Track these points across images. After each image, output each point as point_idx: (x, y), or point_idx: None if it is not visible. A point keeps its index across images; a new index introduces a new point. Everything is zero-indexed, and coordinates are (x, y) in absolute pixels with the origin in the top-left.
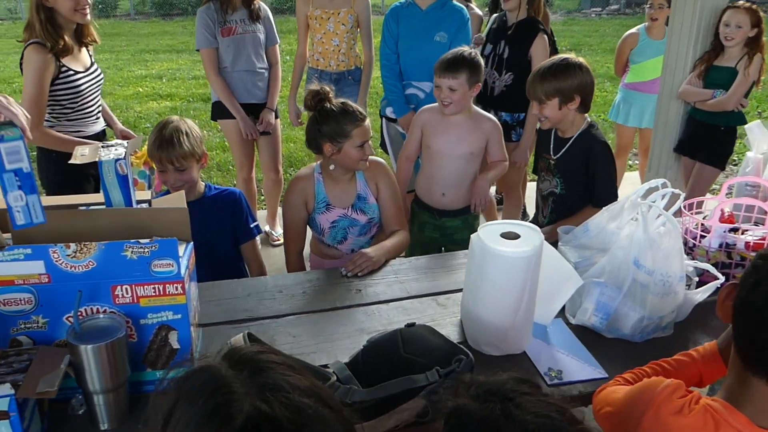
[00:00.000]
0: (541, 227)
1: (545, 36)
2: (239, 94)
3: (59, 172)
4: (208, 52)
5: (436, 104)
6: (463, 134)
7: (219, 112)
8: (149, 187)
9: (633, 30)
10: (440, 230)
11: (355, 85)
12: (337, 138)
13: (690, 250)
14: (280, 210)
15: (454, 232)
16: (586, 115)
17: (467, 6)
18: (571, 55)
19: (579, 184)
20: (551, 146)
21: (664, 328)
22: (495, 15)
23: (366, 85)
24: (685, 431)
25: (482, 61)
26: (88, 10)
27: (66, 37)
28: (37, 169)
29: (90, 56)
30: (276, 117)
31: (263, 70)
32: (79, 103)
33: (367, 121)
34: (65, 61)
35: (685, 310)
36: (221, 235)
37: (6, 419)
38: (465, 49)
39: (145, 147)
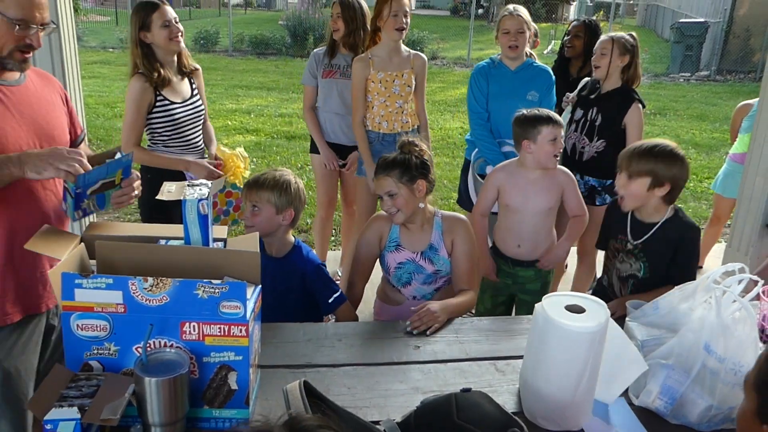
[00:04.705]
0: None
1: (640, 105)
2: (325, 132)
3: (152, 192)
4: (307, 89)
5: (508, 162)
6: (540, 190)
7: (313, 146)
8: None
9: (749, 101)
10: (513, 278)
11: None
12: None
13: (766, 338)
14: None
15: (526, 282)
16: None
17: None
18: (674, 145)
19: (664, 268)
20: (628, 230)
21: (734, 420)
22: (587, 80)
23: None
24: None
25: None
26: (180, 37)
27: (163, 70)
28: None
29: (192, 88)
30: None
31: None
32: (177, 131)
33: (380, 179)
34: (164, 92)
35: None
36: (288, 295)
37: None
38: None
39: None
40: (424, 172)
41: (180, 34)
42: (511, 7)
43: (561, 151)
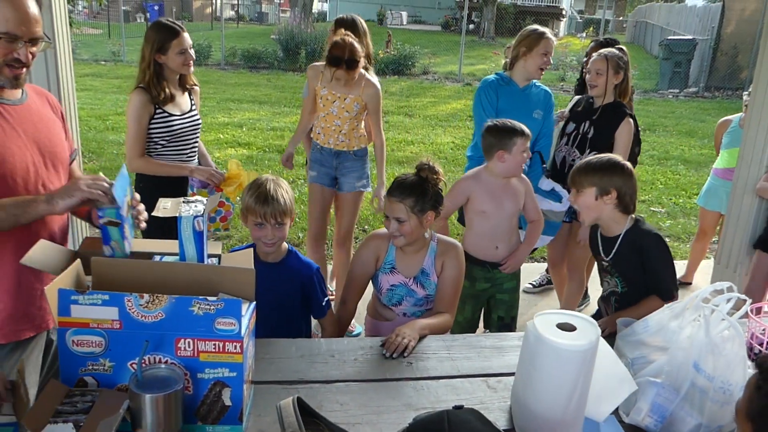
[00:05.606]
0: None
1: (631, 120)
2: None
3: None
4: (305, 101)
5: (476, 170)
6: (510, 195)
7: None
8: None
9: (729, 117)
10: (491, 281)
11: (357, 161)
12: None
13: (755, 356)
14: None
15: (503, 281)
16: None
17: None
18: (615, 157)
19: (639, 280)
20: (600, 248)
21: None
22: (580, 96)
23: (382, 169)
24: None
25: None
26: (192, 64)
27: (168, 89)
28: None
29: (191, 102)
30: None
31: None
32: (172, 142)
33: (392, 203)
34: (164, 106)
35: None
36: (287, 300)
37: None
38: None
39: (239, 174)
40: (436, 205)
41: (192, 61)
42: (547, 30)
43: (528, 160)
